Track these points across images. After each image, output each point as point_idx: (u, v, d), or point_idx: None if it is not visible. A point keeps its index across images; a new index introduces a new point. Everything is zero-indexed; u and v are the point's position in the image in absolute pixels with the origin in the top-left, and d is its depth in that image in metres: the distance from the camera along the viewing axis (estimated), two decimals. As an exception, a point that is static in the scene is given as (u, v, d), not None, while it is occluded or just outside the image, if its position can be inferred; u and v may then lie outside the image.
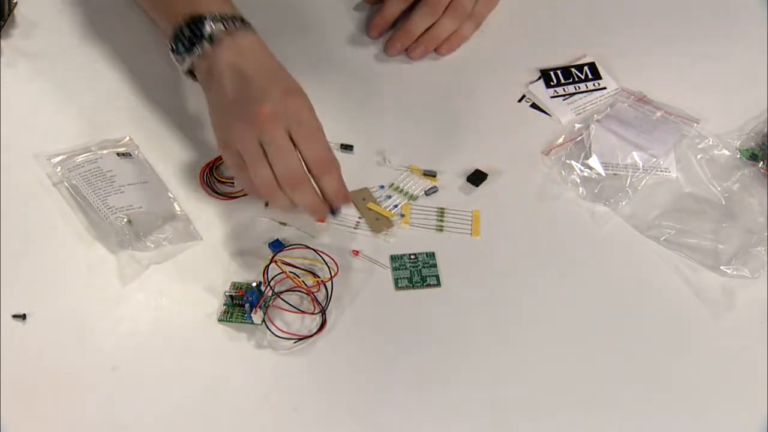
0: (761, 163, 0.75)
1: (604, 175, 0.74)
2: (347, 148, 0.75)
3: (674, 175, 0.75)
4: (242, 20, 0.69)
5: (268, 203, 0.70)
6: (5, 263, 0.66)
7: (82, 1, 0.85)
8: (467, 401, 0.62)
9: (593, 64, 0.84)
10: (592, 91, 0.82)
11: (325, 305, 0.65)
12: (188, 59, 0.69)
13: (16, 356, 0.62)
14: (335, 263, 0.67)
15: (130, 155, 0.73)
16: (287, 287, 0.66)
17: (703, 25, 0.88)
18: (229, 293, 0.65)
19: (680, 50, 0.86)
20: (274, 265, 0.65)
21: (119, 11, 0.83)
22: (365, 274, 0.68)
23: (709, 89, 0.82)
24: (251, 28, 0.69)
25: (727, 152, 0.76)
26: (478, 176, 0.74)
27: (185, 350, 0.64)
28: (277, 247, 0.68)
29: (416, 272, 0.68)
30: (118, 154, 0.73)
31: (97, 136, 0.74)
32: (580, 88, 0.82)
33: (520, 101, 0.81)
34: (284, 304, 0.65)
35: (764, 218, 0.72)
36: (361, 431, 0.61)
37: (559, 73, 0.83)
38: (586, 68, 0.83)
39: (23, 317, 0.64)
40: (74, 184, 0.70)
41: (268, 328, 0.63)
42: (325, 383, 0.63)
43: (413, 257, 0.69)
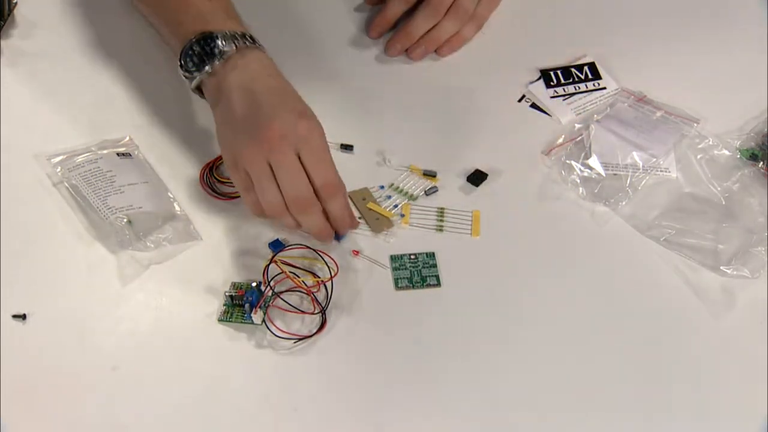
0: (761, 163, 0.75)
1: (604, 175, 0.74)
2: (347, 148, 0.75)
3: (674, 175, 0.75)
4: (252, 39, 0.69)
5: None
6: (5, 263, 0.66)
7: (82, 1, 0.85)
8: (467, 401, 0.62)
9: (593, 64, 0.83)
10: (592, 91, 0.82)
11: (325, 305, 0.65)
12: (197, 76, 0.68)
13: (16, 356, 0.62)
14: (335, 263, 0.67)
15: (130, 155, 0.73)
16: (287, 287, 0.66)
17: (703, 25, 0.88)
18: (229, 293, 0.64)
19: (680, 50, 0.86)
20: (274, 265, 0.65)
21: (119, 11, 0.83)
22: (365, 274, 0.68)
23: (709, 89, 0.82)
24: (261, 47, 0.69)
25: (727, 152, 0.76)
26: (478, 176, 0.74)
27: (185, 350, 0.64)
28: (277, 247, 0.68)
29: (416, 272, 0.68)
30: (118, 154, 0.73)
31: (97, 136, 0.74)
32: (580, 88, 0.82)
33: (520, 101, 0.81)
34: (284, 304, 0.65)
35: (764, 218, 0.72)
36: (361, 431, 0.61)
37: (559, 73, 0.83)
38: (586, 68, 0.83)
39: (23, 317, 0.64)
40: (74, 184, 0.70)
41: (268, 328, 0.63)
42: (324, 383, 0.63)
43: (413, 257, 0.69)
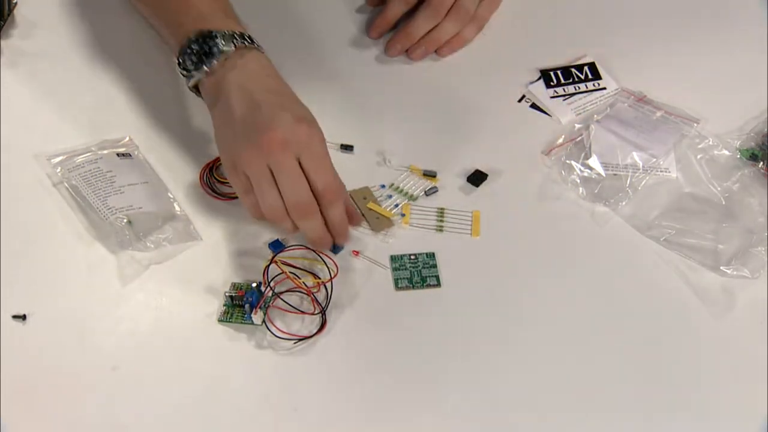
0: (761, 163, 0.75)
1: (604, 175, 0.74)
2: (347, 148, 0.75)
3: (674, 175, 0.75)
4: (251, 39, 0.68)
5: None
6: (5, 263, 0.66)
7: (82, 1, 0.85)
8: (467, 401, 0.62)
9: (593, 64, 0.83)
10: (592, 91, 0.82)
11: (325, 306, 0.65)
12: (195, 75, 0.68)
13: (16, 356, 0.62)
14: (335, 264, 0.67)
15: (130, 155, 0.73)
16: (287, 288, 0.66)
17: (703, 25, 0.88)
18: (229, 293, 0.64)
19: (680, 50, 0.86)
20: (274, 265, 0.65)
21: (119, 12, 0.83)
22: (365, 274, 0.68)
23: (709, 89, 0.82)
24: (260, 47, 0.69)
25: (727, 152, 0.76)
26: (478, 176, 0.74)
27: (185, 350, 0.64)
28: (277, 247, 0.68)
29: (416, 272, 0.68)
30: (118, 154, 0.73)
31: (97, 136, 0.74)
32: (580, 88, 0.82)
33: (520, 101, 0.81)
34: (284, 304, 0.65)
35: (764, 218, 0.72)
36: (360, 431, 0.61)
37: (559, 73, 0.83)
38: (586, 68, 0.83)
39: (23, 317, 0.64)
40: (74, 184, 0.70)
41: (268, 328, 0.63)
42: (324, 383, 0.63)
43: (413, 257, 0.69)
